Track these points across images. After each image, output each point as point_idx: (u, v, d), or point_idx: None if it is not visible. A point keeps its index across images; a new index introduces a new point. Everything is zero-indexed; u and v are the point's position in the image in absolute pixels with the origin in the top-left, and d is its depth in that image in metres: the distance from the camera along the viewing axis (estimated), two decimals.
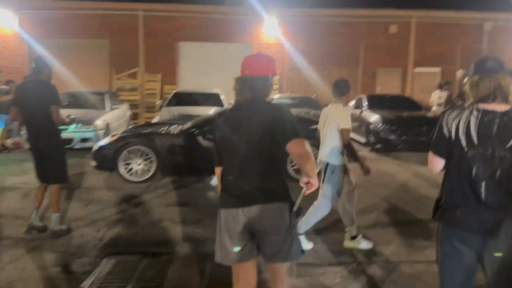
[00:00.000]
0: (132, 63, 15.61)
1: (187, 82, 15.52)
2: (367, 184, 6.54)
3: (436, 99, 11.85)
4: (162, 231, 4.82)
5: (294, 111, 8.80)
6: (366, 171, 4.15)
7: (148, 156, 6.95)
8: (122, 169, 6.91)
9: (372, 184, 6.75)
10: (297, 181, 7.63)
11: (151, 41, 15.64)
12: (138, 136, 7.16)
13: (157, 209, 5.66)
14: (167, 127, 7.97)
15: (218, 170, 2.54)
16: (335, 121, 4.13)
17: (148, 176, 6.95)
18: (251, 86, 2.38)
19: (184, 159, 7.01)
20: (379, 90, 16.01)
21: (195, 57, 15.82)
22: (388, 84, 16.40)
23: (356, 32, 16.04)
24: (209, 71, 15.49)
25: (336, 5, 16.07)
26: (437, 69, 16.48)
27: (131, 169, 6.94)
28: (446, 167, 2.23)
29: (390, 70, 16.42)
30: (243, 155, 2.33)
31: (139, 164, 6.96)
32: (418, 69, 16.37)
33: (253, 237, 2.38)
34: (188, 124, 7.70)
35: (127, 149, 6.91)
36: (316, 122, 7.90)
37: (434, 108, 11.67)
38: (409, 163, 8.89)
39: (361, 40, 16.02)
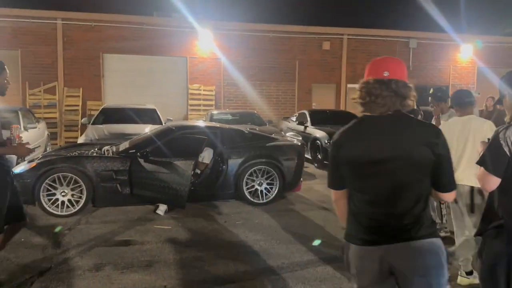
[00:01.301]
0: (49, 77, 14.05)
1: (114, 98, 14.18)
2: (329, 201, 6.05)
3: None
4: (104, 282, 3.83)
5: (240, 127, 8.16)
6: None
7: (77, 184, 5.82)
8: (44, 201, 5.71)
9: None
10: (253, 204, 6.65)
11: (72, 53, 14.17)
12: (64, 160, 5.99)
13: (93, 250, 4.61)
14: (97, 148, 6.91)
15: (337, 194, 2.10)
16: (484, 135, 3.47)
17: (78, 208, 5.81)
18: (395, 91, 1.90)
19: (122, 186, 5.97)
20: (315, 106, 15.96)
21: (122, 70, 14.59)
22: (322, 99, 16.44)
23: (291, 48, 15.97)
24: (138, 86, 14.42)
25: (271, 20, 15.92)
26: None
27: (56, 200, 5.76)
28: (501, 186, 2.11)
29: (324, 86, 16.52)
30: (389, 180, 1.89)
31: (65, 194, 5.80)
32: (351, 85, 16.63)
33: (390, 278, 1.96)
34: (124, 145, 6.70)
35: (50, 177, 5.74)
36: (274, 139, 7.36)
37: None
38: None
39: (296, 56, 15.97)
